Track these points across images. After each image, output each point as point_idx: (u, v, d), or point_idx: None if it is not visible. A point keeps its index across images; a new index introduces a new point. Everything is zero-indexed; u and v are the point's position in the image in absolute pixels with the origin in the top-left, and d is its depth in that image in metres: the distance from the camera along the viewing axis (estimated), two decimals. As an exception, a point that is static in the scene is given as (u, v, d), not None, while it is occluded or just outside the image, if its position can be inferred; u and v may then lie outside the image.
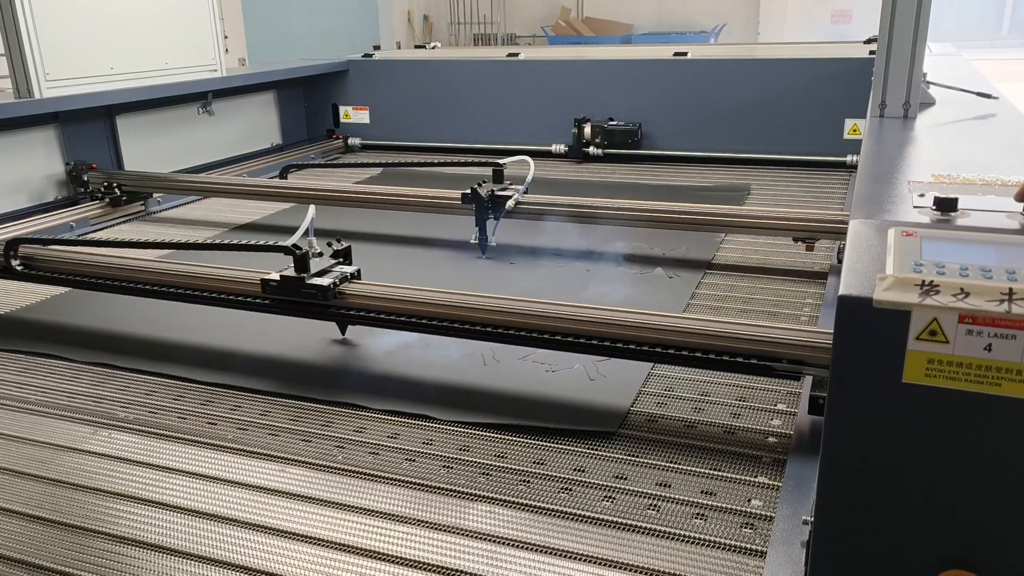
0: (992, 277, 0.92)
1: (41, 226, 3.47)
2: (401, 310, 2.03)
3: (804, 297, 2.56)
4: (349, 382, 2.06)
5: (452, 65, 5.17)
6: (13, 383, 2.11)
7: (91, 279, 2.40)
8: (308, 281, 2.05)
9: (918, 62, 2.24)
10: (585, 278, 2.80)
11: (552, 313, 1.90)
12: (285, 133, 5.31)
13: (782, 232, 2.85)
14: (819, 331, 1.74)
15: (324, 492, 1.59)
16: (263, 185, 3.74)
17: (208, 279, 2.24)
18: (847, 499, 1.01)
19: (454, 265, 3.03)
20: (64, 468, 1.70)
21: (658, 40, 10.93)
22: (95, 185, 3.75)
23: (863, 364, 0.95)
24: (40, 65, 3.54)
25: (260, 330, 2.36)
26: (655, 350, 1.81)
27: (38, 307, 2.69)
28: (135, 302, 2.51)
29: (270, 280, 2.10)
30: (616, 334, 1.84)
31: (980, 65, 3.75)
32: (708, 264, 2.90)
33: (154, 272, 2.33)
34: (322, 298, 2.05)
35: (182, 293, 2.28)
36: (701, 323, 1.81)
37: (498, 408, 1.89)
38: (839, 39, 8.21)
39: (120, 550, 1.43)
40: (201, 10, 4.42)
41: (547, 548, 1.40)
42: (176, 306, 2.43)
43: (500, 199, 3.06)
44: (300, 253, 2.06)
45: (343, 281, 2.07)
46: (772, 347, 1.72)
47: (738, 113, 4.52)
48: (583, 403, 1.91)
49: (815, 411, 1.69)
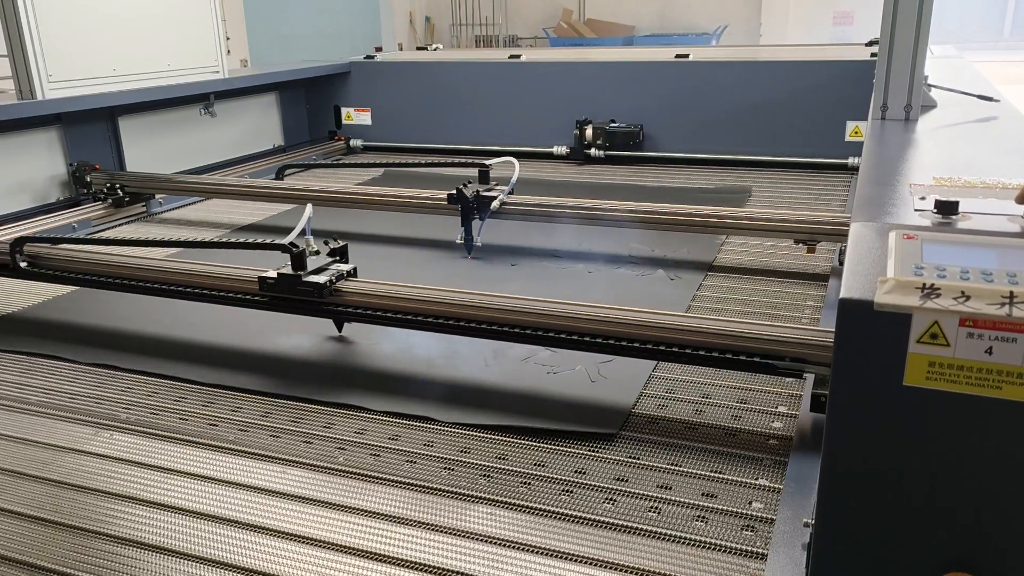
0: (993, 280, 0.92)
1: (44, 227, 3.48)
2: (396, 307, 2.05)
3: (805, 299, 2.56)
4: (350, 384, 2.06)
5: (454, 67, 5.17)
6: (14, 384, 2.12)
7: (96, 278, 2.43)
8: (305, 279, 2.07)
9: (920, 65, 2.24)
10: (585, 279, 2.80)
11: (552, 311, 1.90)
12: (287, 134, 5.32)
13: (783, 234, 2.85)
14: (821, 330, 1.75)
15: (325, 493, 1.59)
16: (264, 186, 3.76)
17: (208, 277, 2.27)
18: (848, 502, 1.01)
19: (451, 265, 3.04)
20: (65, 469, 1.70)
21: (660, 42, 10.94)
22: (98, 186, 3.76)
23: (864, 367, 0.95)
24: (43, 66, 3.55)
25: (260, 330, 2.37)
26: (659, 348, 1.82)
27: (43, 307, 2.70)
28: (138, 302, 2.53)
29: (267, 278, 2.12)
30: (619, 332, 1.84)
31: (982, 67, 3.75)
32: (709, 266, 2.90)
33: (156, 271, 2.35)
34: (318, 295, 2.07)
35: (183, 291, 2.31)
36: (704, 322, 1.82)
37: (499, 410, 1.88)
38: (841, 41, 8.21)
39: (121, 551, 1.43)
40: (203, 12, 4.43)
41: (548, 550, 1.40)
42: (177, 307, 2.45)
43: (485, 200, 3.09)
44: (297, 251, 2.08)
45: (339, 279, 2.09)
46: (774, 345, 1.73)
47: (740, 115, 4.52)
48: (584, 405, 1.91)
49: (817, 409, 1.69)
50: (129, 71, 4.00)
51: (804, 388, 1.92)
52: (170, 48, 4.24)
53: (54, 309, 2.68)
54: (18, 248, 2.48)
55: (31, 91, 3.53)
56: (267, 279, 2.12)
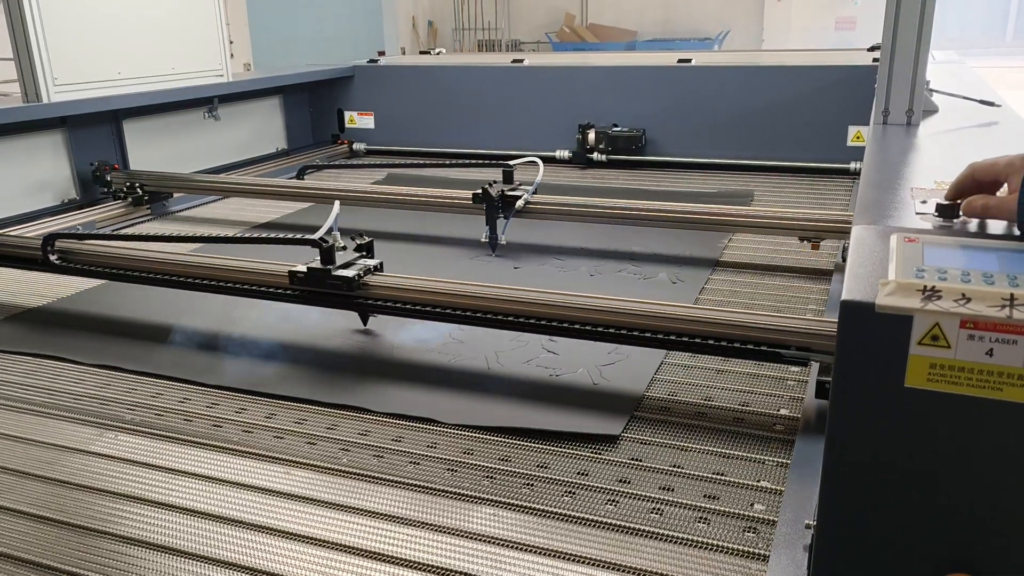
0: (994, 283, 0.92)
1: (67, 224, 3.52)
2: (421, 300, 2.13)
3: (809, 293, 2.62)
4: (353, 386, 2.07)
5: (457, 71, 5.19)
6: (19, 384, 2.13)
7: (125, 272, 2.49)
8: (334, 273, 2.14)
9: (921, 69, 2.25)
10: (588, 281, 2.81)
11: (567, 303, 1.99)
12: (290, 138, 5.33)
13: (787, 232, 2.92)
14: (825, 320, 1.83)
15: (329, 494, 1.60)
16: (282, 185, 3.82)
17: (237, 271, 2.33)
18: (849, 503, 1.02)
19: (458, 264, 3.07)
20: (70, 469, 1.71)
21: (662, 47, 10.95)
22: (118, 185, 3.82)
23: (865, 368, 0.96)
24: (48, 70, 3.57)
25: (268, 333, 2.38)
26: (669, 338, 1.90)
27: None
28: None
29: (297, 272, 2.18)
30: (630, 323, 1.93)
31: (983, 73, 3.76)
32: (715, 263, 2.96)
33: (185, 265, 2.41)
34: (347, 289, 2.14)
35: (212, 285, 2.36)
36: (712, 312, 1.91)
37: (502, 412, 1.89)
38: (843, 46, 8.22)
39: (125, 550, 1.44)
40: (208, 16, 4.45)
41: (550, 551, 1.41)
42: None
43: (510, 199, 3.14)
44: (326, 246, 2.15)
45: (367, 273, 2.17)
46: (780, 335, 1.80)
47: (742, 120, 4.53)
48: (586, 407, 1.91)
49: (822, 395, 1.78)
50: (134, 74, 4.02)
51: (807, 392, 1.93)
52: (174, 52, 4.27)
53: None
54: (49, 244, 2.55)
55: (37, 94, 3.55)
56: (297, 273, 2.19)
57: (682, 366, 2.10)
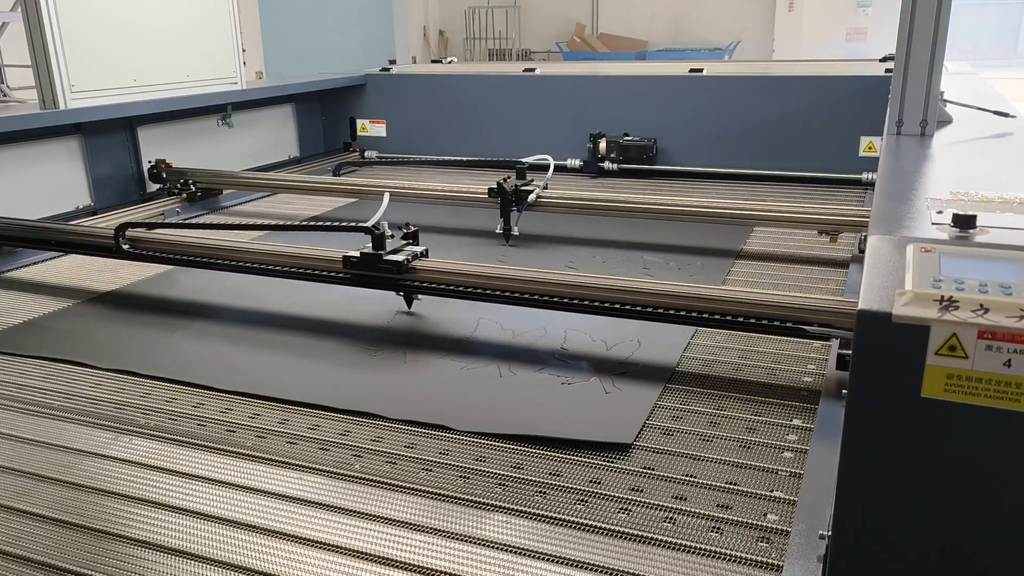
0: (1012, 293, 0.92)
1: (127, 218, 3.64)
2: (464, 282, 2.33)
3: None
4: (366, 392, 2.08)
5: (468, 80, 5.21)
6: (37, 389, 2.14)
7: (191, 258, 2.71)
8: (385, 257, 2.35)
9: (936, 79, 2.25)
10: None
11: (601, 285, 2.17)
12: (303, 145, 5.36)
13: (807, 226, 3.13)
14: (845, 300, 1.99)
15: (342, 500, 1.60)
16: (324, 182, 4.12)
17: (295, 257, 2.53)
18: (864, 514, 1.02)
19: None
20: (86, 473, 1.73)
21: (672, 57, 10.98)
22: (172, 182, 4.06)
23: (882, 378, 0.96)
24: (66, 77, 3.60)
25: (282, 338, 2.39)
26: (701, 316, 2.07)
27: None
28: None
29: (351, 256, 2.39)
30: (663, 302, 2.10)
31: (997, 84, 3.75)
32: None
33: (246, 251, 2.63)
34: (396, 272, 2.36)
35: (272, 269, 2.56)
36: (740, 293, 2.08)
37: (514, 420, 1.90)
38: (854, 57, 8.22)
39: (140, 554, 1.45)
40: (222, 24, 4.49)
41: (562, 559, 1.41)
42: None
43: (523, 193, 3.39)
44: (379, 233, 2.36)
45: (414, 258, 2.38)
46: (804, 313, 1.96)
47: (753, 130, 4.53)
48: (599, 415, 1.91)
49: (842, 367, 1.95)
50: (149, 82, 4.06)
51: (819, 402, 1.92)
52: (189, 59, 4.31)
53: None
54: (121, 233, 2.76)
55: (54, 101, 3.59)
56: (351, 258, 2.39)
57: (694, 375, 2.10)
